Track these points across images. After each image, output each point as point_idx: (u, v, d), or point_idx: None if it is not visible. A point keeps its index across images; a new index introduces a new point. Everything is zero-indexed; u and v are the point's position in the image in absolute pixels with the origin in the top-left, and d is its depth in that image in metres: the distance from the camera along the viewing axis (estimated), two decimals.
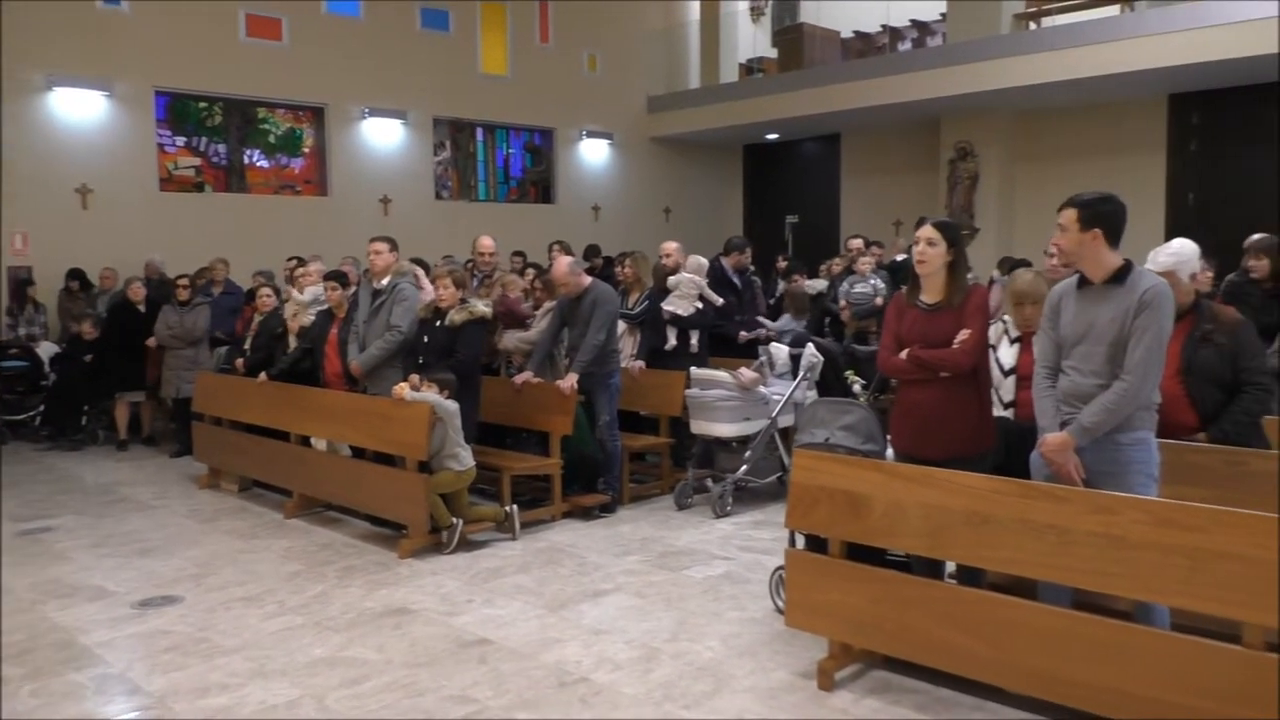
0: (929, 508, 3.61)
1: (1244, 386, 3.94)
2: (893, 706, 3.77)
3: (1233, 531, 3.01)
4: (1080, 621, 3.33)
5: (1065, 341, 3.61)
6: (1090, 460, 3.51)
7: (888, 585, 3.78)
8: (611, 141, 16.19)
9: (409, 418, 5.86)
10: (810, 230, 15.66)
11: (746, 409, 6.56)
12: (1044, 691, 3.40)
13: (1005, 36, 12.85)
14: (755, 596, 4.98)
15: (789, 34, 16.28)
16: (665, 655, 4.31)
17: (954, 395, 3.97)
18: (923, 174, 14.86)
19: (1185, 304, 4.09)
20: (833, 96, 14.10)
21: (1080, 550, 3.26)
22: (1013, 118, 14.09)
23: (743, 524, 6.39)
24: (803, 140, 17.02)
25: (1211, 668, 3.04)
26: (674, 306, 7.42)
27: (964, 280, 4.11)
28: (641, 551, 5.86)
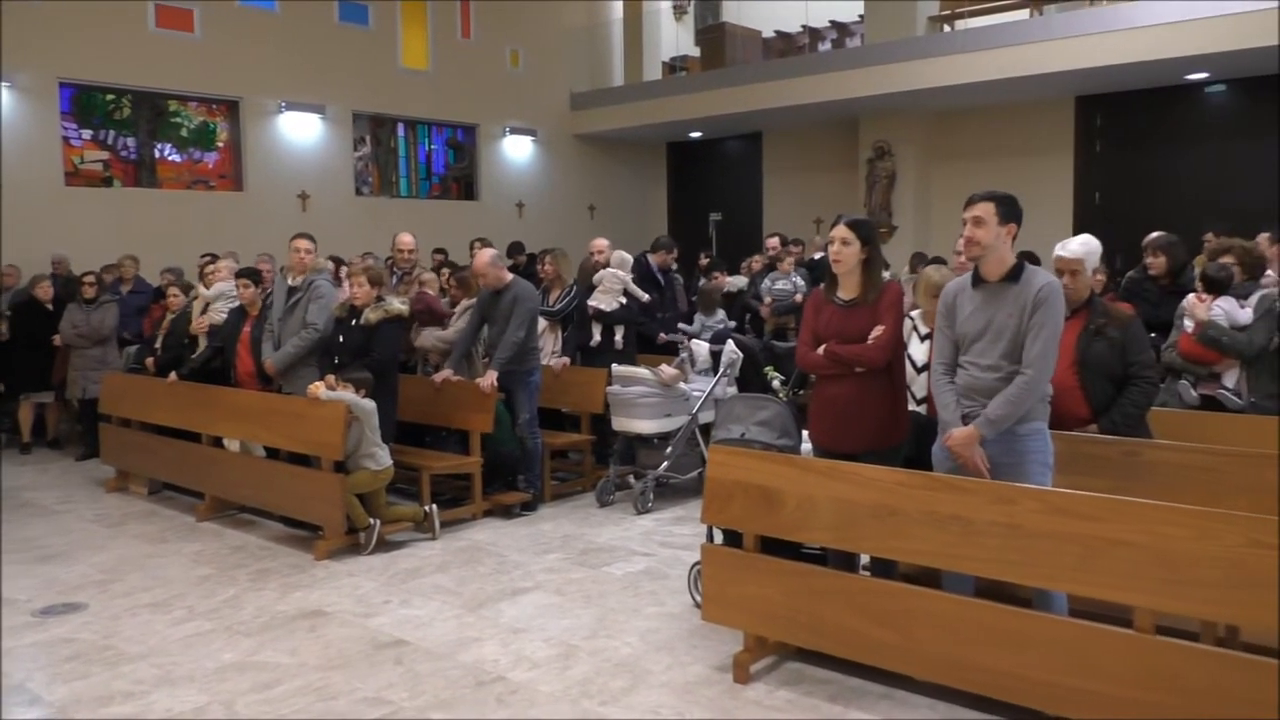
0: (839, 501, 3.68)
1: (1133, 380, 4.10)
2: (805, 697, 3.83)
3: (1124, 519, 3.13)
4: (981, 609, 3.44)
5: (962, 338, 3.72)
6: (990, 452, 3.63)
7: (800, 578, 3.85)
8: (535, 138, 16.11)
9: (324, 417, 5.77)
10: (733, 228, 15.79)
11: (667, 405, 6.60)
12: (948, 678, 3.50)
13: (920, 38, 13.13)
14: (674, 592, 5.02)
15: (711, 33, 16.39)
16: (583, 652, 4.32)
17: (869, 389, 4.06)
18: (843, 172, 15.10)
19: (1084, 297, 4.24)
20: (754, 95, 14.23)
21: (982, 540, 3.37)
22: (928, 118, 14.40)
23: (664, 520, 6.44)
24: (725, 138, 17.16)
25: (1104, 651, 3.16)
26: (598, 302, 7.43)
27: (879, 277, 4.20)
28: (562, 549, 5.86)
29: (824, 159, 15.69)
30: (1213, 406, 5.01)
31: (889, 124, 14.22)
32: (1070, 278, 4.19)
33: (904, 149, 14.21)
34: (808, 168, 15.99)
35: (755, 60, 15.67)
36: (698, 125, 15.93)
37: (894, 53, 12.82)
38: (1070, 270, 4.20)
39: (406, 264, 8.44)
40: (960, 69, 12.21)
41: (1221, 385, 5.01)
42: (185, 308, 7.64)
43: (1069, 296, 4.12)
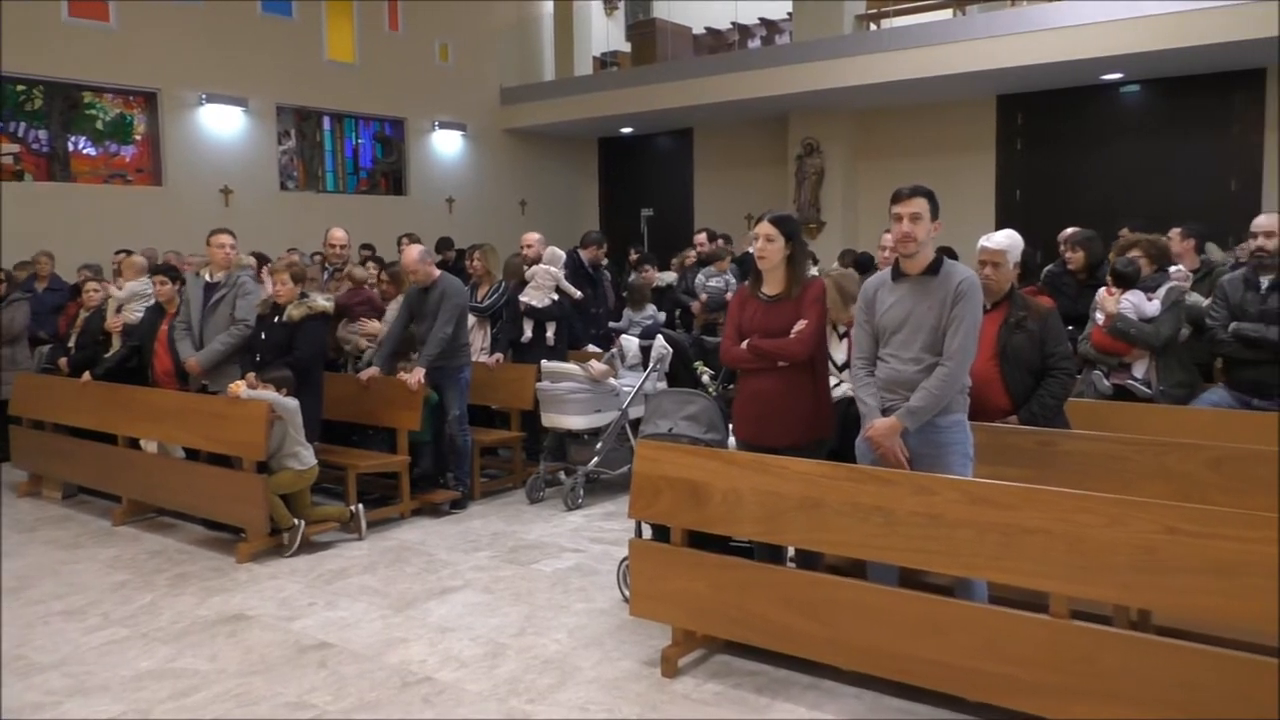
0: (764, 494, 3.71)
1: (1050, 371, 4.20)
2: (734, 689, 3.85)
3: (1041, 508, 3.20)
4: (904, 598, 3.49)
5: (882, 331, 3.77)
6: (912, 443, 3.68)
7: (727, 571, 3.86)
8: (465, 133, 15.95)
9: (245, 416, 5.64)
10: (665, 223, 15.84)
11: (597, 401, 6.58)
12: (872, 667, 3.55)
13: (847, 37, 13.30)
14: (603, 588, 5.01)
15: (642, 28, 16.41)
16: (511, 650, 4.28)
17: (792, 384, 4.09)
18: (772, 169, 15.23)
19: (1005, 289, 4.33)
20: (685, 91, 14.28)
21: (904, 530, 3.41)
22: (856, 115, 14.60)
23: (594, 516, 6.42)
24: (657, 134, 17.19)
25: (1022, 637, 3.23)
26: (530, 298, 7.38)
27: (803, 273, 4.23)
28: (491, 547, 5.81)
29: (754, 155, 15.82)
30: (1124, 396, 5.16)
31: (818, 121, 14.38)
32: (992, 269, 4.27)
33: (832, 146, 14.39)
34: (738, 164, 16.10)
35: (686, 56, 15.73)
36: (629, 121, 15.93)
37: (822, 51, 12.96)
38: (993, 262, 4.28)
39: (338, 259, 8.29)
40: (886, 67, 12.40)
41: (1131, 375, 5.17)
42: (101, 305, 7.40)
43: (990, 288, 4.21)
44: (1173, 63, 11.41)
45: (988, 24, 11.97)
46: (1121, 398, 5.16)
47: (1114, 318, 5.14)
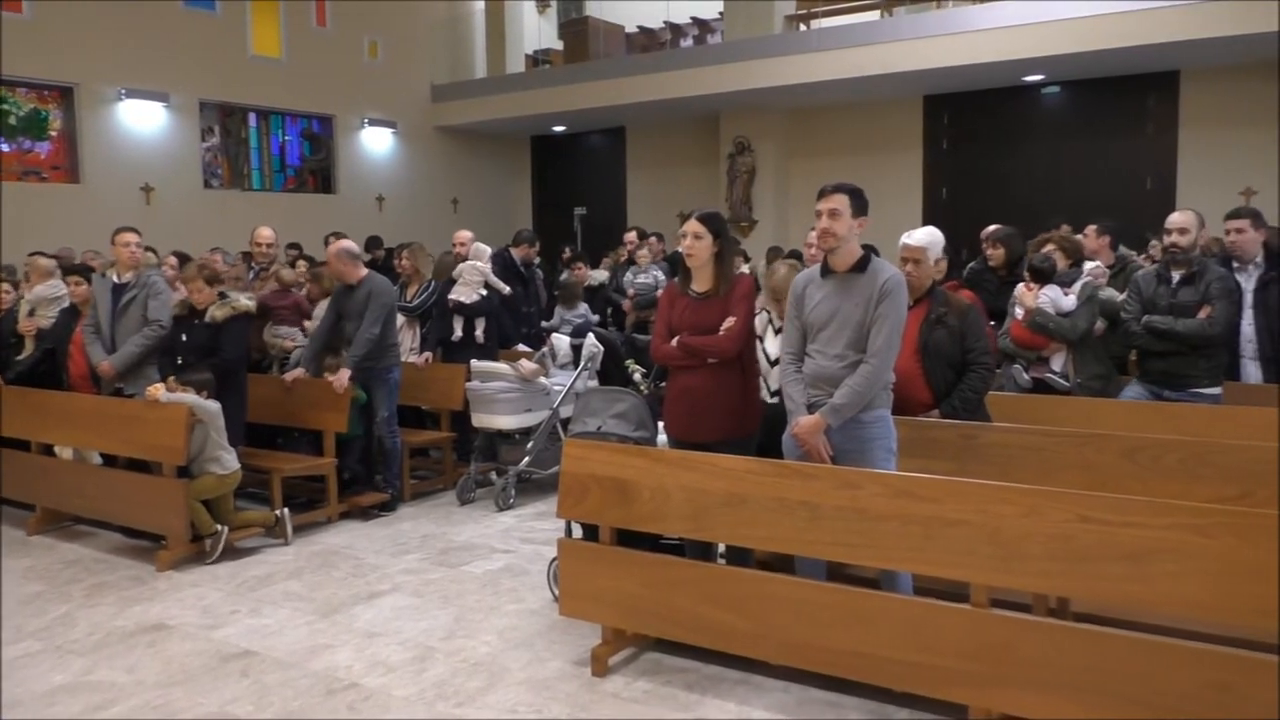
0: (691, 491, 3.71)
1: (971, 366, 4.28)
2: (664, 687, 3.85)
3: (961, 500, 3.25)
4: (830, 592, 3.53)
5: (810, 327, 3.80)
6: (836, 439, 3.72)
7: (656, 569, 3.86)
8: (395, 130, 15.76)
9: (164, 420, 5.49)
10: (598, 221, 15.82)
11: (528, 400, 6.54)
12: (800, 660, 3.58)
13: (778, 36, 13.42)
14: (534, 588, 4.98)
15: (575, 27, 16.38)
16: (440, 654, 4.23)
17: (721, 380, 4.11)
18: (704, 167, 15.31)
19: (926, 286, 4.40)
20: (618, 90, 14.29)
21: (829, 524, 3.45)
22: (786, 114, 14.74)
23: (525, 516, 6.38)
24: (589, 132, 17.16)
25: (945, 627, 3.28)
26: (457, 295, 7.31)
27: (731, 270, 4.25)
28: (421, 549, 5.74)
29: (686, 154, 15.88)
30: (1044, 389, 5.28)
31: (749, 120, 14.48)
32: (914, 266, 4.33)
33: (763, 145, 14.51)
34: (670, 162, 16.15)
35: (618, 55, 15.74)
36: (561, 119, 15.89)
37: (752, 50, 13.06)
38: (914, 259, 4.34)
39: (265, 259, 8.11)
40: (816, 67, 12.54)
41: (1050, 369, 5.29)
42: (13, 307, 7.15)
43: (912, 284, 4.27)
44: (1090, 65, 11.73)
45: (914, 25, 12.17)
46: (1041, 391, 5.28)
47: (1033, 312, 5.26)
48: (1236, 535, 2.82)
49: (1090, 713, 3.04)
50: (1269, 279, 5.29)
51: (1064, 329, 5.19)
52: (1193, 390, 5.00)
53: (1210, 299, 4.99)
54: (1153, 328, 5.07)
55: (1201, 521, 2.88)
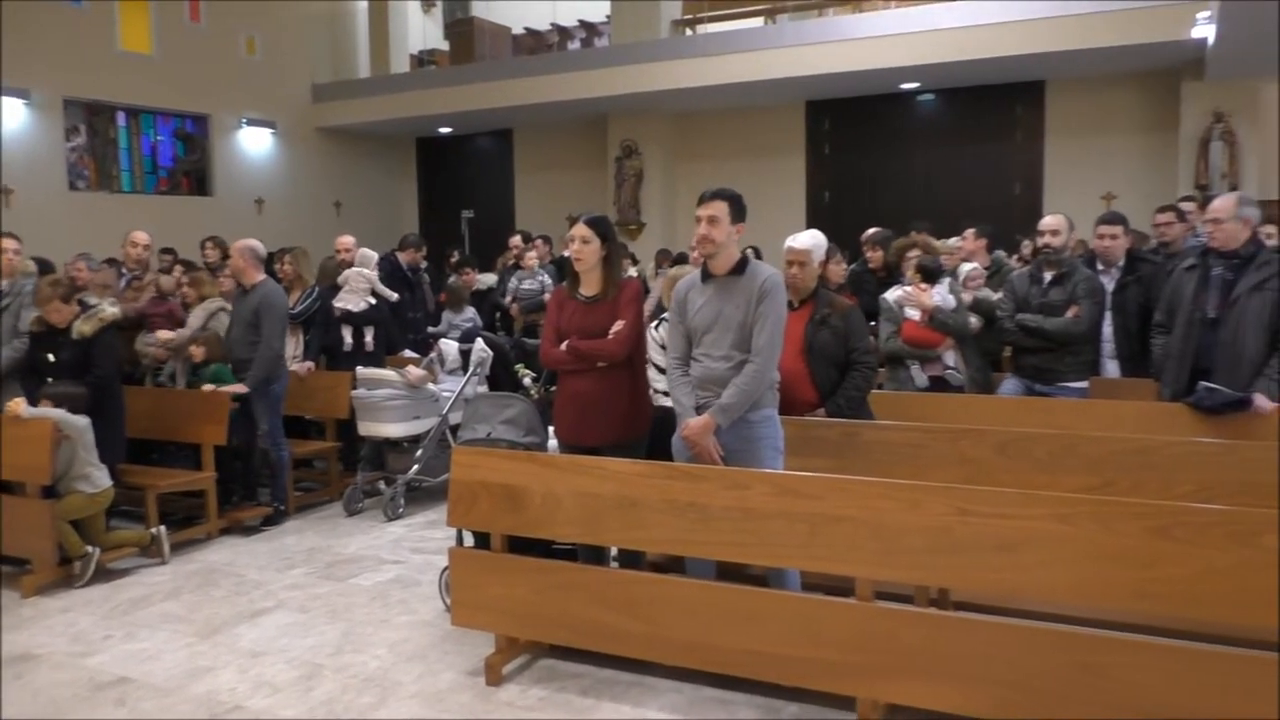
0: (582, 495, 3.72)
1: (854, 365, 4.40)
2: (558, 693, 3.84)
3: (845, 497, 3.34)
4: (720, 591, 3.58)
5: (694, 331, 3.85)
6: (725, 439, 3.78)
7: (548, 574, 3.85)
8: (274, 131, 15.27)
9: (27, 437, 5.19)
10: (486, 225, 15.66)
11: (416, 407, 6.44)
12: (692, 660, 3.61)
13: (664, 41, 13.53)
14: (425, 599, 4.90)
15: (460, 27, 16.18)
16: (328, 670, 4.12)
17: (611, 383, 4.12)
18: (593, 170, 15.32)
19: (811, 288, 4.50)
20: (504, 92, 14.17)
21: (718, 524, 3.49)
22: (673, 118, 14.87)
23: (415, 525, 6.27)
24: (476, 134, 16.98)
25: (831, 621, 3.36)
26: (345, 303, 7.15)
27: (619, 273, 4.28)
28: (307, 563, 5.58)
29: (574, 156, 15.87)
30: (940, 386, 5.47)
31: (636, 123, 14.56)
32: (799, 269, 4.43)
33: (651, 148, 14.60)
34: (558, 165, 16.11)
35: (505, 56, 15.62)
36: (448, 120, 15.68)
37: (639, 54, 13.13)
38: (799, 261, 4.44)
39: (138, 265, 7.74)
40: (701, 72, 12.69)
41: (946, 366, 5.49)
42: None
43: (797, 286, 4.37)
44: (963, 74, 12.19)
45: (796, 33, 12.44)
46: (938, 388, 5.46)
47: (935, 310, 5.43)
48: (1098, 523, 2.97)
49: (969, 697, 3.15)
50: (1127, 281, 5.60)
51: (961, 325, 5.40)
52: (1061, 385, 5.25)
53: (1078, 299, 5.25)
54: (1025, 325, 5.31)
55: (1067, 511, 3.03)
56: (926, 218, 8.60)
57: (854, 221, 10.13)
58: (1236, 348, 4.41)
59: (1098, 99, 12.61)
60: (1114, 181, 12.48)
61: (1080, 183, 12.55)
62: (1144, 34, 10.46)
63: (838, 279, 5.61)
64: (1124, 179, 12.43)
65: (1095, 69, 12.05)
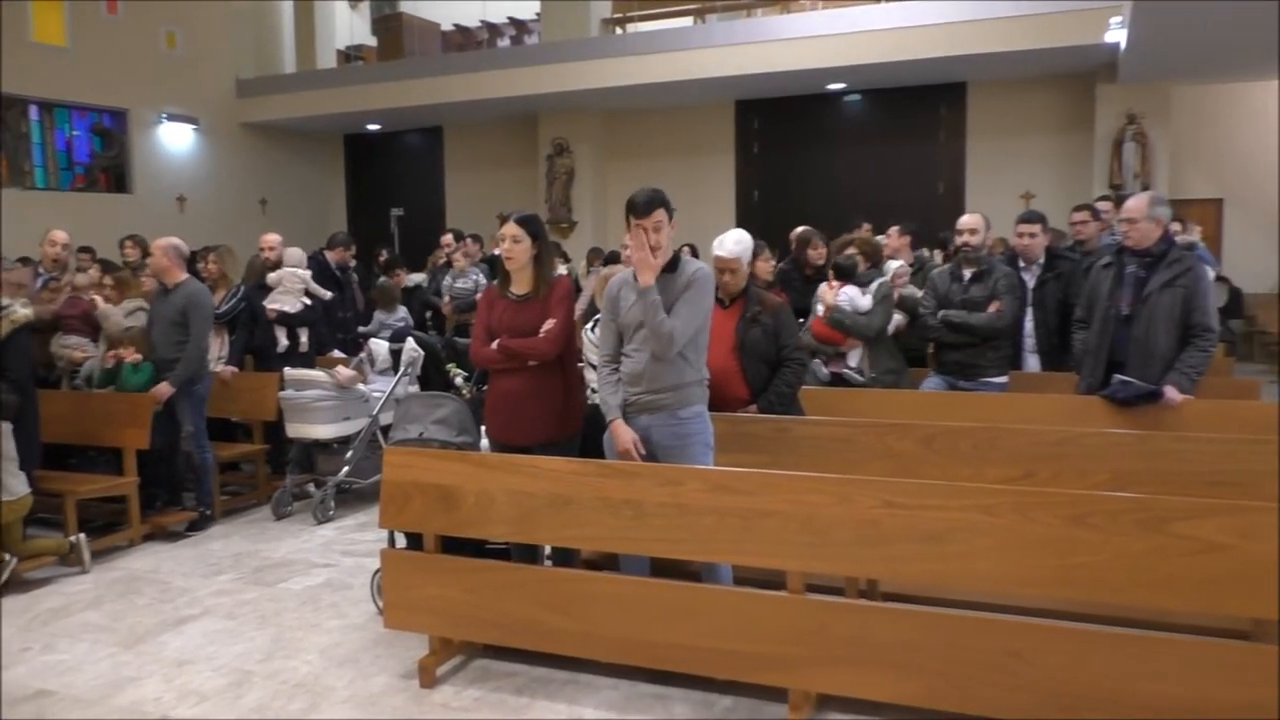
0: (516, 494, 3.71)
1: (784, 362, 4.47)
2: (493, 693, 3.83)
3: (775, 492, 3.39)
4: (654, 588, 3.60)
5: (626, 328, 3.87)
6: (656, 436, 3.80)
7: (481, 574, 3.84)
8: (197, 127, 14.93)
9: None
10: (416, 223, 15.51)
11: (346, 408, 6.35)
12: (627, 657, 3.64)
13: (594, 39, 13.55)
14: (357, 602, 4.84)
15: (388, 23, 16.00)
16: (258, 677, 4.05)
17: (542, 382, 4.11)
18: (524, 168, 15.28)
19: (741, 287, 4.54)
20: (434, 89, 14.06)
21: (652, 521, 3.52)
22: (604, 116, 14.89)
23: (346, 528, 6.19)
24: (405, 131, 16.81)
25: (763, 614, 3.41)
26: (280, 304, 7.04)
27: (550, 272, 4.27)
28: (234, 569, 5.47)
29: (505, 154, 15.80)
30: (841, 382, 5.57)
31: (567, 121, 14.55)
32: (730, 275, 4.46)
33: (582, 146, 14.61)
34: (489, 163, 16.03)
35: (434, 53, 15.50)
36: (376, 117, 15.50)
37: (569, 52, 13.14)
38: (729, 269, 4.46)
39: (57, 265, 7.48)
40: (631, 71, 12.74)
41: (846, 364, 5.59)
42: None
43: (727, 287, 4.42)
44: (887, 75, 12.44)
45: (726, 33, 12.56)
46: (838, 384, 5.56)
47: (832, 310, 5.54)
48: (1019, 513, 3.07)
49: (899, 685, 3.23)
50: (1046, 278, 5.77)
51: (860, 326, 5.49)
52: (983, 380, 5.39)
53: (998, 295, 5.39)
54: (948, 321, 5.43)
55: (990, 501, 3.11)
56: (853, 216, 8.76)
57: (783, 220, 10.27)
58: (1149, 342, 4.58)
59: (1017, 101, 12.97)
60: (1033, 181, 12.85)
61: (1001, 182, 12.90)
62: (1060, 38, 10.80)
63: (766, 276, 5.68)
64: (1042, 178, 12.80)
65: (1014, 71, 12.39)
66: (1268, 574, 2.82)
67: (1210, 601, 2.93)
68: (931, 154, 13.49)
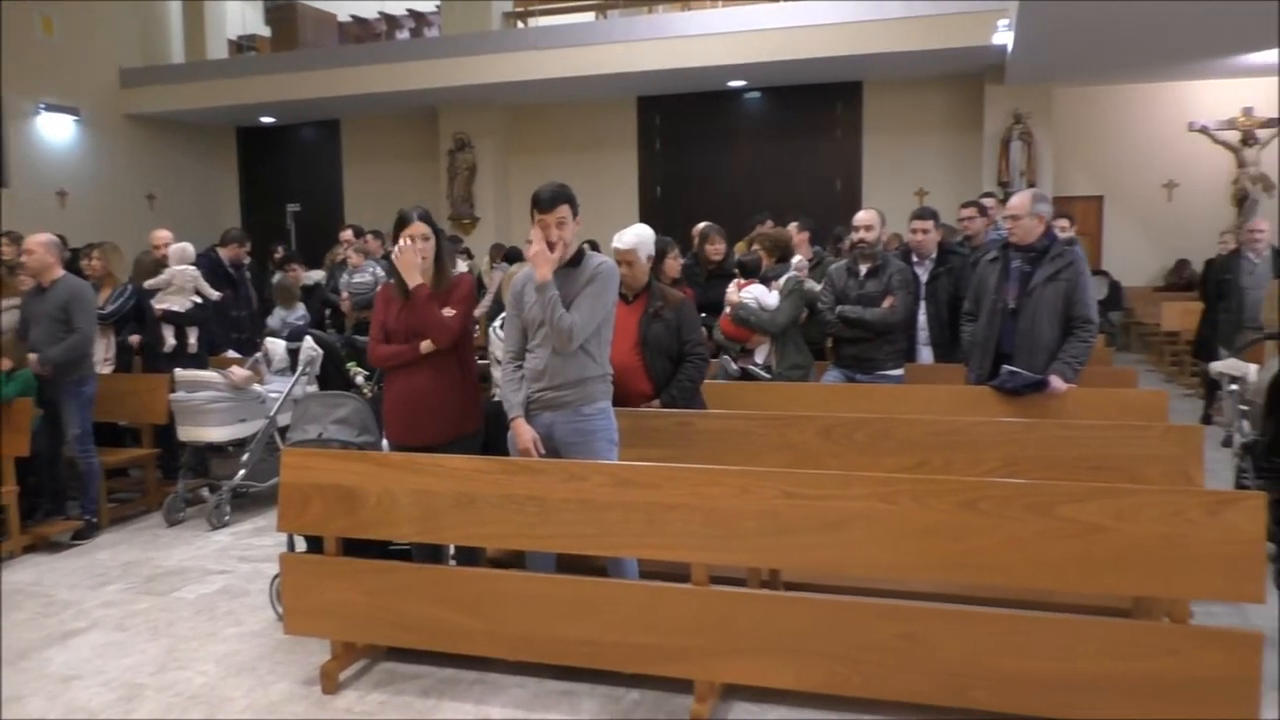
0: (419, 493, 3.66)
1: (686, 357, 4.51)
2: (398, 696, 3.78)
3: (679, 485, 3.42)
4: (560, 584, 3.61)
5: (530, 324, 3.86)
6: (560, 433, 3.81)
7: (384, 576, 3.78)
8: (78, 118, 14.26)
9: None
10: (313, 218, 15.15)
11: (241, 410, 6.17)
12: (534, 654, 3.63)
13: (495, 33, 13.43)
14: (255, 609, 4.71)
15: (282, 13, 15.56)
16: (150, 690, 3.91)
17: (442, 379, 4.07)
18: (424, 163, 15.06)
19: (644, 283, 4.57)
20: (330, 81, 13.74)
21: (558, 517, 3.51)
22: (506, 112, 14.78)
23: (243, 533, 6.02)
24: (301, 125, 16.39)
25: (669, 607, 3.44)
26: (170, 303, 6.79)
27: (449, 269, 4.23)
28: (124, 578, 5.27)
29: (405, 149, 15.56)
30: (749, 378, 5.65)
31: (468, 116, 14.40)
32: (628, 268, 4.48)
33: (483, 141, 14.48)
34: (389, 157, 15.76)
35: (330, 44, 15.16)
36: (270, 109, 15.07)
37: (470, 46, 13.00)
38: (627, 261, 4.49)
39: None
40: (533, 65, 12.67)
41: (753, 360, 5.68)
42: None
43: (628, 283, 4.43)
44: (786, 73, 12.65)
45: (627, 28, 12.58)
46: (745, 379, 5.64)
47: (736, 307, 5.62)
48: (914, 500, 3.17)
49: (801, 672, 3.30)
50: (939, 273, 5.96)
51: (765, 323, 5.58)
52: (879, 373, 5.53)
53: (893, 290, 5.54)
54: (845, 316, 5.56)
55: (885, 490, 3.20)
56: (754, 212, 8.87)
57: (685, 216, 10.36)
58: (1034, 334, 4.76)
59: (911, 100, 13.34)
60: (925, 178, 13.23)
61: (895, 179, 13.26)
62: (951, 39, 11.15)
63: (674, 274, 5.72)
64: (935, 176, 13.20)
65: (908, 71, 12.74)
66: (1144, 553, 2.97)
67: (1093, 581, 3.07)
68: (829, 151, 13.78)
